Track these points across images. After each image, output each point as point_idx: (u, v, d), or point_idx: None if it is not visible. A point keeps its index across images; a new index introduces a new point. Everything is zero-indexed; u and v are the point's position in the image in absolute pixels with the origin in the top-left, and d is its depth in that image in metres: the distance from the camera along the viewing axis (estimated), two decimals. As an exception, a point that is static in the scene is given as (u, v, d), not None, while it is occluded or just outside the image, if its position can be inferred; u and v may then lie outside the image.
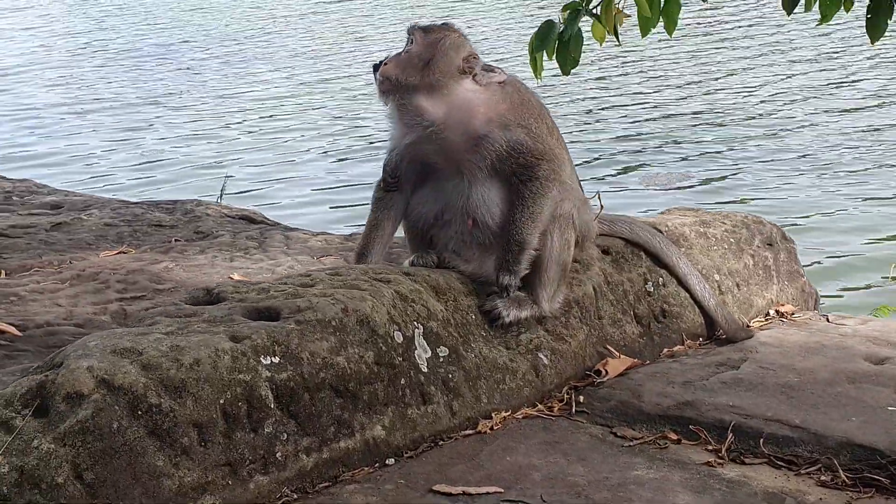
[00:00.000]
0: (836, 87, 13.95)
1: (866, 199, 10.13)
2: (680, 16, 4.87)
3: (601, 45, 4.88)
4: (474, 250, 4.00)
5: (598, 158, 11.96)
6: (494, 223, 3.93)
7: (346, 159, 12.55)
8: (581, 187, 4.26)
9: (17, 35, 21.89)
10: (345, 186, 11.40)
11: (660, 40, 15.90)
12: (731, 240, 4.92)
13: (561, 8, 4.79)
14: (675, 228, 4.79)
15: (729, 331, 4.52)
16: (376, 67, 3.96)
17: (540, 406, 3.89)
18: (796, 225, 9.30)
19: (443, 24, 4.08)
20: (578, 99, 14.46)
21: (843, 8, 4.82)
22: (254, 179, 12.14)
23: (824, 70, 14.82)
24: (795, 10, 4.83)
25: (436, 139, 3.91)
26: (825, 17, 4.82)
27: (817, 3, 4.79)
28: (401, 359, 3.57)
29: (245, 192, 11.44)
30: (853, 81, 14.25)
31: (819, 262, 8.30)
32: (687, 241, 4.77)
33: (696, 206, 5.60)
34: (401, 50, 4.00)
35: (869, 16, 4.68)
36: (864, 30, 4.77)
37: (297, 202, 11.19)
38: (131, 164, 13.09)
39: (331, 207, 10.86)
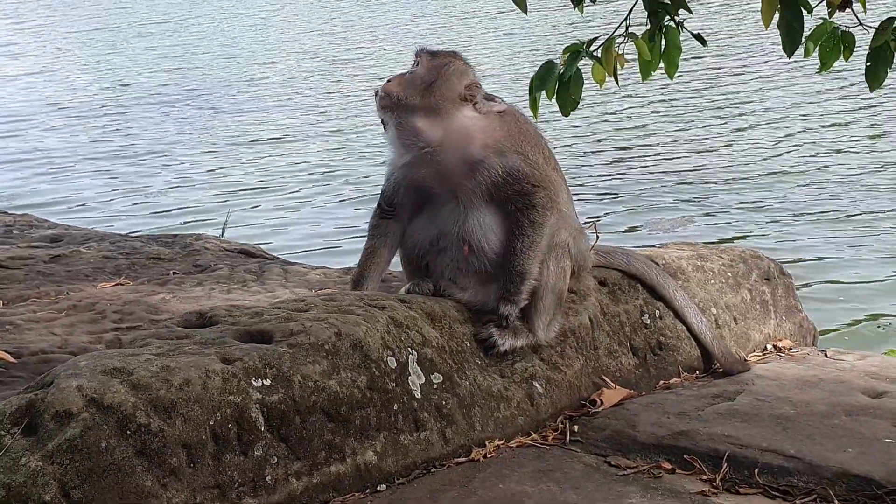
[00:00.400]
0: (838, 131, 13.99)
1: (868, 239, 10.14)
2: (681, 58, 4.89)
3: (601, 86, 4.90)
4: (470, 278, 3.99)
5: (599, 195, 12.00)
6: (491, 249, 3.93)
7: (351, 199, 12.59)
8: (577, 217, 4.26)
9: (29, 80, 22.04)
10: (349, 228, 11.43)
11: (662, 84, 15.97)
12: (729, 274, 4.91)
13: (562, 50, 4.81)
14: (673, 262, 4.78)
15: (725, 364, 4.50)
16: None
17: (534, 435, 3.87)
18: (799, 261, 9.31)
19: (450, 51, 4.14)
20: (581, 137, 14.52)
21: (842, 56, 4.83)
22: (257, 217, 12.18)
23: (827, 114, 14.87)
24: (796, 55, 4.86)
25: (432, 161, 3.92)
26: (825, 65, 4.81)
27: (817, 49, 4.81)
28: (394, 384, 3.55)
29: (247, 225, 11.48)
30: (853, 126, 14.30)
31: (819, 298, 8.28)
32: (684, 275, 4.76)
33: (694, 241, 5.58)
34: (405, 70, 4.04)
35: (868, 64, 4.69)
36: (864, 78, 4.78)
37: (299, 240, 11.22)
38: (136, 202, 13.15)
39: (332, 247, 10.88)
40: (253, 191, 13.42)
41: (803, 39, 4.59)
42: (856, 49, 4.85)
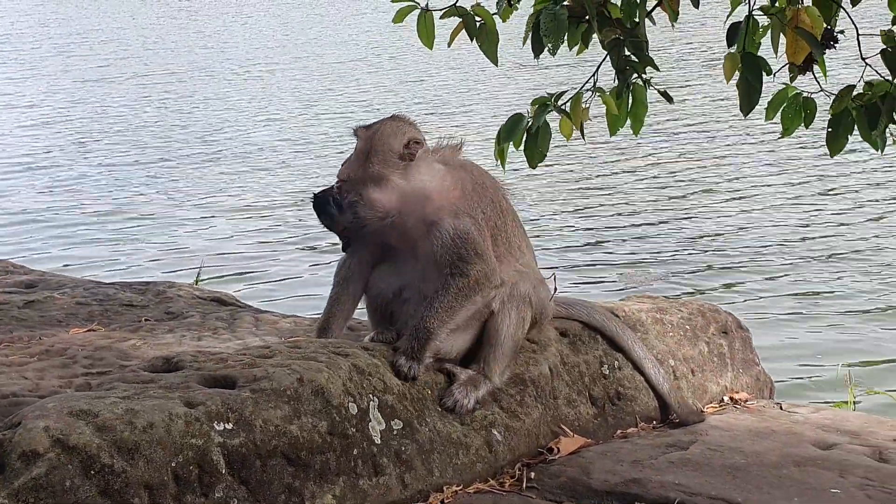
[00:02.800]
0: (799, 189, 14.22)
1: (827, 293, 10.34)
2: (648, 113, 5.00)
3: (568, 139, 5.00)
4: None
5: (561, 246, 12.17)
6: None
7: (324, 248, 12.71)
8: (538, 267, 4.38)
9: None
10: (325, 276, 11.53)
11: (629, 137, 16.18)
12: (687, 326, 5.04)
13: (530, 102, 4.92)
14: (633, 314, 4.91)
15: (682, 414, 4.61)
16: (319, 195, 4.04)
17: (492, 481, 3.97)
18: (760, 315, 9.47)
19: (390, 115, 4.15)
20: (545, 188, 14.70)
21: (803, 123, 4.92)
22: (231, 265, 12.27)
23: (786, 172, 15.11)
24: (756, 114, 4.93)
25: (393, 227, 4.01)
26: (787, 131, 4.90)
27: (779, 114, 4.90)
28: (354, 430, 3.65)
29: (222, 276, 11.56)
30: (813, 184, 14.54)
31: (778, 352, 8.43)
32: (643, 327, 4.89)
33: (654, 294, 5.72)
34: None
35: (829, 129, 4.79)
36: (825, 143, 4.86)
37: (271, 287, 11.32)
38: (110, 248, 13.23)
39: (305, 295, 10.98)
40: (227, 238, 13.51)
41: (764, 101, 4.72)
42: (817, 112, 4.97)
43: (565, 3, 4.58)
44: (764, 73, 4.44)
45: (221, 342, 5.63)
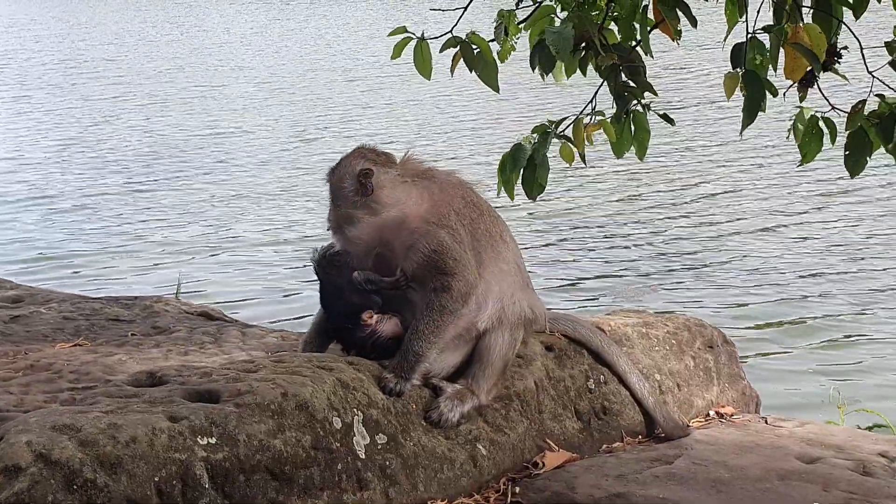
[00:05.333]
0: (810, 209, 14.26)
1: (818, 308, 10.37)
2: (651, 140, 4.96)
3: (570, 164, 4.97)
4: None
5: (549, 261, 12.19)
6: None
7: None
8: (522, 259, 4.35)
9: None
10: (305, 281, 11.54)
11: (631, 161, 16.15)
12: (673, 341, 5.05)
13: (531, 130, 4.86)
14: (619, 328, 4.92)
15: (667, 428, 4.62)
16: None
17: (476, 496, 3.97)
18: (748, 329, 9.48)
19: (350, 150, 4.18)
20: (538, 205, 14.72)
21: (828, 141, 4.72)
22: (219, 278, 12.26)
23: (795, 189, 15.16)
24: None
25: (379, 256, 4.05)
26: (806, 157, 4.75)
27: (791, 134, 4.72)
28: (338, 444, 3.65)
29: (202, 291, 11.56)
30: (808, 198, 14.59)
31: (764, 366, 8.44)
32: (630, 341, 4.89)
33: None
34: None
35: (847, 152, 4.68)
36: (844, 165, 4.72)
37: (253, 297, 11.33)
38: (100, 262, 13.22)
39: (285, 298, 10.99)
40: (216, 252, 13.51)
41: (767, 119, 4.64)
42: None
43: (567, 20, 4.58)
44: (769, 94, 4.40)
45: (208, 356, 5.62)
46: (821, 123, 4.69)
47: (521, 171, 4.78)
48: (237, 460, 3.36)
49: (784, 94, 4.63)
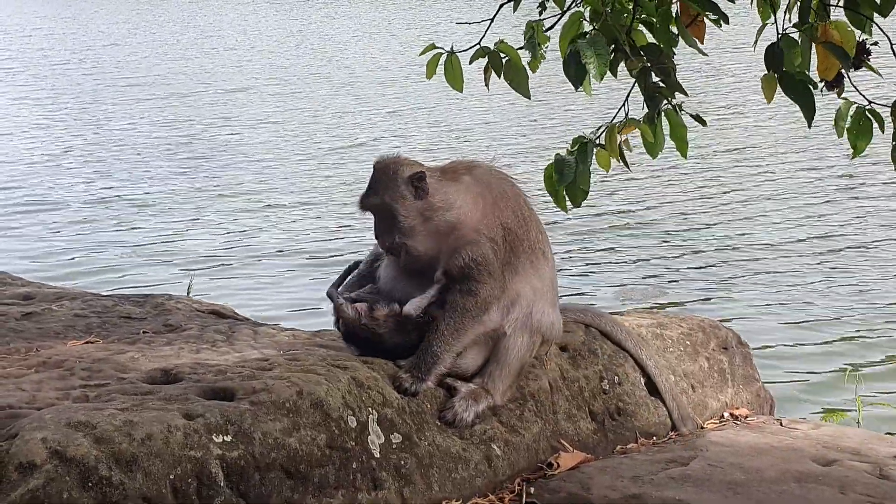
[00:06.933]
0: (824, 209, 14.21)
1: (833, 310, 10.34)
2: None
3: (607, 171, 4.96)
4: None
5: (567, 260, 12.19)
6: None
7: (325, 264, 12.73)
8: (555, 275, 4.33)
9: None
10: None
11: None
12: (687, 342, 5.02)
13: (571, 142, 4.86)
14: (633, 329, 4.89)
15: (678, 419, 4.63)
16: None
17: (491, 496, 3.95)
18: (761, 331, 9.46)
19: (379, 166, 4.02)
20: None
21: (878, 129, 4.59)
22: (231, 278, 12.27)
23: (814, 189, 15.12)
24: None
25: (432, 259, 4.01)
26: (857, 150, 4.62)
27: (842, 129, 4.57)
28: (353, 443, 3.63)
29: (214, 288, 11.56)
30: (834, 197, 14.54)
31: (779, 368, 8.42)
32: (644, 342, 4.87)
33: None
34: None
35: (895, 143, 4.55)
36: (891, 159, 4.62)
37: (273, 302, 11.32)
38: (111, 260, 13.24)
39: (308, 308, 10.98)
40: (228, 251, 13.51)
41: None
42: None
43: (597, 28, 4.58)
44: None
45: (220, 355, 5.60)
46: (868, 115, 4.56)
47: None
48: (252, 458, 3.35)
49: (821, 91, 4.58)
